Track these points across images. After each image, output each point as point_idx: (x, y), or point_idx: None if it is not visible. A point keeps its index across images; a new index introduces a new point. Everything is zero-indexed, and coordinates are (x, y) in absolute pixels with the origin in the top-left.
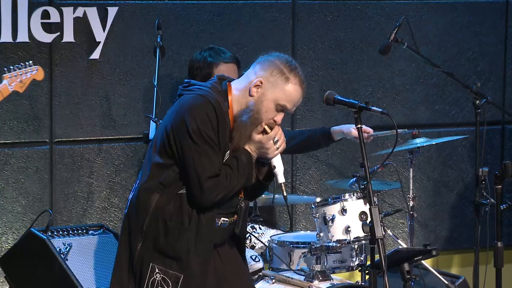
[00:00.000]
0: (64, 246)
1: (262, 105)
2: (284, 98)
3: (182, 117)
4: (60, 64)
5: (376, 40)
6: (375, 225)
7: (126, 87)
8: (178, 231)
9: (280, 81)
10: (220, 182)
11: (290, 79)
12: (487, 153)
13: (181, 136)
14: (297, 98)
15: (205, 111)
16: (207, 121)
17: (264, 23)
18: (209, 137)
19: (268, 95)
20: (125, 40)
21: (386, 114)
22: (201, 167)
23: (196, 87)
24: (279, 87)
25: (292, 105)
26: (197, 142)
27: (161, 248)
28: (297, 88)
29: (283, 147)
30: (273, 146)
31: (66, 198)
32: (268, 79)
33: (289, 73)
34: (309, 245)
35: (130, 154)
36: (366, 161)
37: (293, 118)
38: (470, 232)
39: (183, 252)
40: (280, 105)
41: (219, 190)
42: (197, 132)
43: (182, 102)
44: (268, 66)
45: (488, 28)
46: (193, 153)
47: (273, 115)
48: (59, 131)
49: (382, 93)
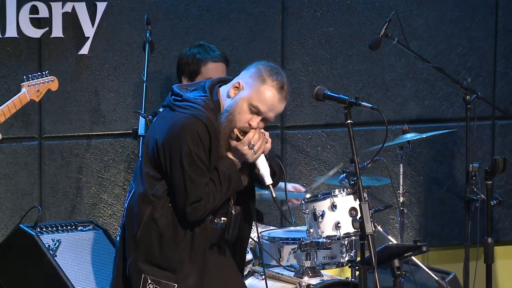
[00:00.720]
0: (53, 242)
1: (237, 106)
2: (257, 98)
3: (175, 137)
4: (49, 59)
5: (366, 35)
6: (365, 221)
7: (115, 83)
8: (173, 242)
9: (256, 82)
10: (202, 205)
11: (267, 81)
12: (477, 149)
13: (172, 157)
14: (272, 102)
15: (198, 133)
16: (199, 143)
17: (253, 18)
18: (199, 159)
19: (243, 95)
20: (114, 35)
21: (376, 109)
22: (185, 193)
23: (189, 105)
24: (254, 88)
25: (266, 108)
26: (186, 167)
27: (155, 260)
28: (273, 91)
29: (263, 149)
30: (249, 151)
31: (55, 194)
32: (246, 81)
33: (267, 76)
34: (299, 241)
35: (119, 149)
36: (356, 156)
37: (283, 114)
38: (460, 228)
39: (178, 263)
40: (253, 106)
41: (202, 211)
42: (189, 155)
43: (175, 120)
44: (250, 69)
45: (478, 23)
46: (181, 177)
47: (247, 117)
48: (48, 127)
49: (372, 88)
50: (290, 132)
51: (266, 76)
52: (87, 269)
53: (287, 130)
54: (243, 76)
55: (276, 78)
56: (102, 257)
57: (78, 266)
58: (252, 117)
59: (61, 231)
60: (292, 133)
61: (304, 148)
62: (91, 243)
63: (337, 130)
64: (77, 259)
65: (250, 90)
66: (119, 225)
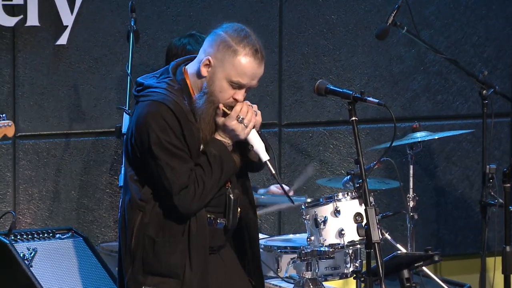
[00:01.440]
0: (28, 251)
1: (215, 86)
2: (236, 73)
3: (141, 129)
4: (24, 50)
5: (372, 24)
6: (372, 228)
7: (97, 76)
8: (169, 246)
9: (228, 55)
10: (190, 192)
11: (239, 51)
12: (494, 148)
13: (144, 150)
14: (251, 70)
15: (163, 118)
16: (167, 129)
17: (248, 5)
18: (172, 144)
19: (219, 74)
20: (95, 24)
21: (383, 105)
22: (167, 183)
23: (151, 91)
24: (228, 63)
25: (248, 79)
26: (160, 156)
27: (153, 268)
28: (249, 59)
29: (253, 122)
30: (239, 126)
31: (30, 199)
32: (216, 56)
33: (237, 45)
34: (299, 250)
35: (101, 149)
36: (362, 157)
37: (281, 110)
38: (476, 236)
39: (179, 267)
40: (234, 82)
41: (192, 200)
42: (159, 143)
43: (139, 111)
44: (215, 41)
45: (495, 11)
46: (159, 168)
47: (230, 93)
48: (22, 124)
49: (379, 82)
50: (289, 130)
51: (236, 45)
52: (65, 280)
53: (286, 128)
54: (209, 50)
55: (247, 43)
56: (82, 267)
57: (56, 277)
58: (235, 92)
59: (37, 239)
60: (291, 131)
61: (304, 147)
62: (70, 251)
63: (340, 128)
64: (54, 269)
65: (224, 65)
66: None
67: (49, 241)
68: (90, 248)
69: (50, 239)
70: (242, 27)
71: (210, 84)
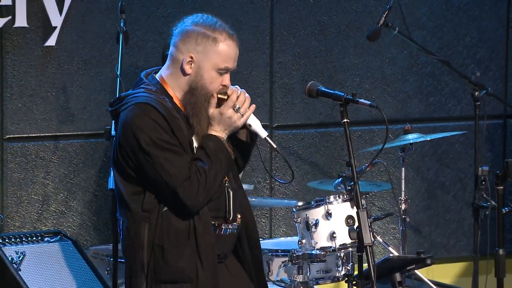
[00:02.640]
0: (16, 255)
1: (204, 79)
2: (222, 60)
3: (129, 133)
4: (12, 51)
5: (364, 25)
6: (363, 230)
7: (86, 77)
8: (177, 251)
9: (209, 45)
10: (194, 182)
11: (218, 38)
12: (487, 150)
13: (137, 155)
14: (233, 52)
15: (149, 117)
16: (155, 127)
17: (239, 5)
18: (164, 141)
19: (205, 66)
20: (84, 25)
21: (375, 107)
22: (169, 177)
23: (130, 98)
24: (212, 52)
25: (232, 61)
26: (154, 154)
27: (165, 276)
28: (229, 43)
29: (246, 107)
30: (235, 114)
31: (18, 202)
32: (197, 50)
33: (213, 33)
34: (290, 253)
35: (90, 152)
36: (353, 159)
37: (272, 112)
38: (468, 239)
39: (191, 270)
40: (222, 69)
41: (198, 189)
42: (150, 142)
43: (122, 119)
44: (189, 36)
45: (488, 12)
46: (156, 167)
47: (219, 80)
48: (10, 127)
49: (371, 84)
50: (280, 132)
51: (212, 33)
52: (54, 284)
53: (277, 130)
54: (186, 47)
55: (221, 28)
56: (71, 270)
57: (44, 280)
58: (222, 78)
59: (26, 243)
60: (282, 134)
61: (295, 149)
62: (59, 255)
63: (332, 130)
64: (43, 273)
65: (209, 56)
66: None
67: (37, 245)
68: (79, 251)
69: (39, 242)
70: (206, 16)
71: (198, 79)
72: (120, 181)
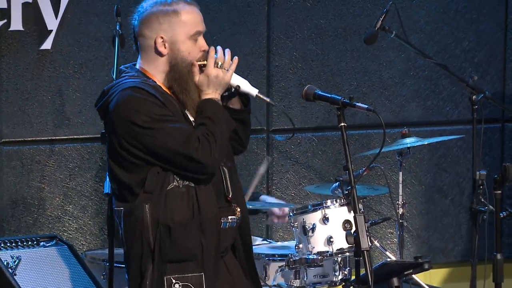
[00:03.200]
0: (12, 260)
1: (181, 51)
2: (190, 27)
3: (124, 119)
4: (7, 55)
5: (361, 28)
6: (361, 235)
7: (82, 81)
8: (184, 229)
9: (173, 19)
10: (205, 143)
11: (177, 9)
12: (485, 155)
13: (139, 136)
14: (198, 15)
15: (139, 97)
16: (148, 104)
17: (236, 9)
18: (161, 115)
19: (178, 39)
20: (80, 28)
21: (372, 111)
22: (179, 145)
23: (114, 87)
24: (178, 24)
25: (201, 25)
26: (157, 127)
27: (172, 256)
28: (190, 9)
29: (228, 61)
30: (220, 71)
31: (14, 206)
32: (163, 29)
33: (170, 6)
34: (287, 257)
35: (86, 156)
36: (350, 163)
37: (268, 116)
38: (466, 243)
39: (197, 248)
40: (194, 34)
41: (210, 147)
42: (149, 119)
43: (112, 107)
44: (150, 20)
45: (486, 15)
46: (163, 138)
47: (197, 47)
48: (6, 130)
49: (368, 88)
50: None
51: (170, 6)
52: None
53: (274, 134)
54: (153, 32)
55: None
56: (67, 275)
57: (40, 285)
58: (198, 44)
59: (21, 247)
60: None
61: (292, 154)
62: (55, 260)
63: (329, 134)
64: (39, 277)
65: (176, 29)
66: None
67: (33, 249)
68: (75, 256)
69: (34, 247)
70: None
71: (176, 54)
72: (118, 170)
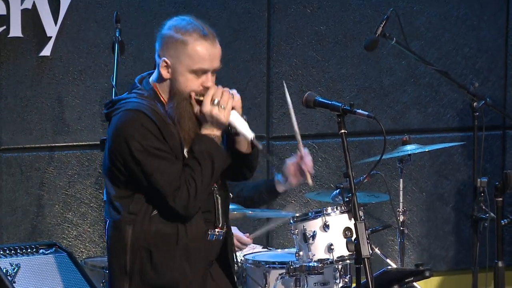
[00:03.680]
0: (11, 267)
1: (179, 82)
2: (194, 62)
3: (120, 140)
4: (7, 61)
5: (361, 35)
6: (361, 242)
7: (81, 88)
8: (166, 256)
9: (180, 48)
10: (184, 192)
11: (187, 40)
12: (486, 162)
13: (128, 162)
14: (207, 53)
15: (141, 123)
16: (147, 133)
17: (236, 15)
18: (156, 148)
19: (179, 69)
20: (79, 35)
21: (373, 117)
22: (159, 187)
23: (122, 103)
24: (183, 55)
25: (208, 62)
26: (145, 162)
27: (152, 281)
28: (201, 44)
29: (231, 102)
30: (215, 109)
31: (13, 213)
32: (170, 54)
33: (183, 35)
34: (287, 265)
35: (85, 163)
36: (351, 170)
37: (269, 123)
38: (467, 251)
39: (180, 275)
40: (196, 70)
41: (188, 199)
42: (141, 149)
43: (113, 124)
44: (163, 41)
45: (487, 22)
46: (147, 175)
47: (197, 83)
48: (5, 137)
49: (369, 94)
50: (277, 144)
51: (182, 35)
52: None
53: (274, 141)
54: (162, 52)
55: (192, 29)
56: (66, 283)
57: None
58: (201, 80)
59: (21, 254)
60: (279, 145)
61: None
62: (54, 267)
63: (329, 141)
64: (38, 285)
65: (181, 59)
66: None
67: (32, 257)
68: (74, 263)
69: (34, 254)
70: (182, 18)
71: (175, 83)
72: (109, 184)
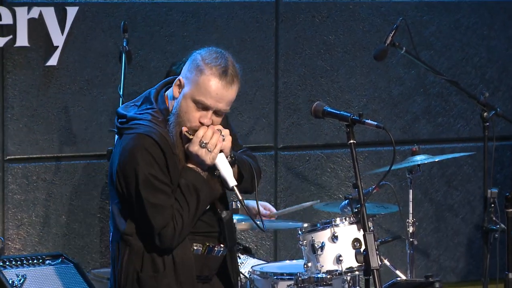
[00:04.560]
0: (17, 278)
1: (181, 105)
2: (199, 92)
3: (127, 163)
4: (13, 71)
5: (371, 44)
6: (370, 254)
7: (88, 98)
8: (154, 280)
9: (195, 75)
10: (170, 230)
11: (204, 70)
12: (496, 172)
13: (128, 185)
14: (215, 91)
15: (149, 152)
16: (153, 163)
17: (244, 24)
18: (157, 179)
19: (186, 93)
20: (86, 44)
21: (382, 128)
22: (149, 221)
23: (136, 123)
24: (193, 81)
25: (212, 100)
26: (145, 194)
27: None
28: (214, 79)
29: (219, 146)
30: (202, 151)
31: (19, 224)
32: (186, 76)
33: (205, 65)
34: (296, 276)
35: (92, 173)
36: (360, 181)
37: (277, 133)
38: (477, 262)
39: None
40: (197, 101)
41: (173, 236)
42: (146, 179)
43: (124, 144)
44: (189, 62)
45: (497, 31)
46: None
47: (195, 115)
48: (12, 147)
49: (378, 104)
50: (285, 154)
51: (204, 64)
52: None
53: (282, 151)
54: (184, 72)
55: (216, 63)
56: None
57: None
58: (201, 114)
59: (27, 265)
60: (287, 155)
61: (301, 171)
62: (61, 278)
63: (338, 151)
64: None
65: (191, 84)
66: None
67: (38, 268)
68: (80, 274)
69: (40, 265)
70: (219, 50)
71: (177, 105)
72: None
